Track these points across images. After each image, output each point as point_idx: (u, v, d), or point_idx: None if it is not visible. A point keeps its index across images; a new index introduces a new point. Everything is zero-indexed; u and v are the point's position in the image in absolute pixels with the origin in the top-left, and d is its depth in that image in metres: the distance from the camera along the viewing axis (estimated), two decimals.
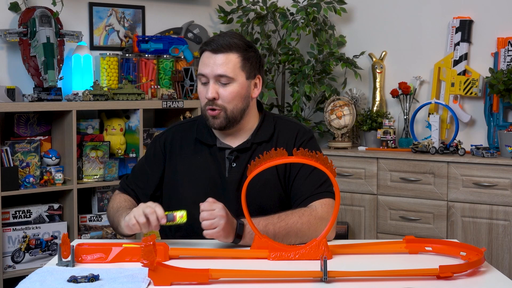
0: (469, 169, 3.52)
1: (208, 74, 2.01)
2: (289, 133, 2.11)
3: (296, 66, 4.06)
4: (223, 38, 2.03)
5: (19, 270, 3.23)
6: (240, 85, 2.03)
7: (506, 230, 3.44)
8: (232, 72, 2.01)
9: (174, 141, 2.15)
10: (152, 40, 3.80)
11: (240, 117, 2.06)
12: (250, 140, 2.09)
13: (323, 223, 1.94)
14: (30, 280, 1.60)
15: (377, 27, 4.23)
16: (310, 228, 1.93)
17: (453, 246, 1.82)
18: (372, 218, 3.81)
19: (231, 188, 2.04)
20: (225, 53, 2.01)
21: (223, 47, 2.01)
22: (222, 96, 2.02)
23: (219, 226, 1.81)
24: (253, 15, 4.19)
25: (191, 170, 2.09)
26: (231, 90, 2.01)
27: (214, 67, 2.00)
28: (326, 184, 2.04)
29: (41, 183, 3.32)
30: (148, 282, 1.58)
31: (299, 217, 1.93)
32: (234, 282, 1.60)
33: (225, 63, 2.00)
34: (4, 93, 3.26)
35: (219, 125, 2.04)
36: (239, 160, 2.07)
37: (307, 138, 2.11)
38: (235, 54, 2.02)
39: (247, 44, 2.06)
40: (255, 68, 2.07)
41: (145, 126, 3.69)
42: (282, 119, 2.17)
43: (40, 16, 3.31)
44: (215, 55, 2.01)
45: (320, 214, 1.97)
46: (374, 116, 4.04)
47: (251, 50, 2.06)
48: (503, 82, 3.54)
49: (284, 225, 1.89)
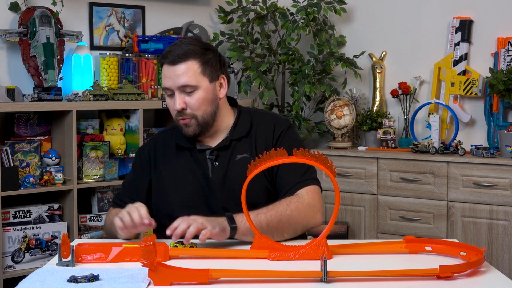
0: (469, 169, 3.52)
1: (171, 86, 2.03)
2: (267, 126, 2.13)
3: (296, 66, 4.06)
4: (178, 47, 2.04)
5: (19, 270, 3.23)
6: (205, 91, 2.05)
7: (506, 230, 3.44)
8: (194, 80, 2.02)
9: (157, 150, 2.19)
10: (152, 40, 3.81)
11: (212, 121, 2.09)
12: (228, 137, 2.11)
13: (311, 209, 1.99)
14: (30, 280, 1.60)
15: (377, 27, 4.23)
16: (299, 214, 1.96)
17: (453, 246, 1.82)
18: (372, 218, 3.81)
19: (216, 187, 2.07)
20: (183, 63, 2.02)
21: (180, 57, 2.02)
22: (189, 105, 2.04)
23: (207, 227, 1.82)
24: (253, 15, 4.19)
25: (175, 175, 2.12)
26: (197, 97, 2.04)
27: (175, 79, 2.02)
28: (310, 171, 2.07)
29: (41, 183, 3.33)
30: (148, 282, 1.58)
31: (287, 204, 1.96)
32: (234, 282, 1.60)
33: (185, 72, 2.01)
34: (4, 93, 3.27)
35: (193, 132, 2.07)
36: (220, 158, 2.09)
37: (285, 128, 2.13)
38: (193, 61, 2.03)
39: (204, 48, 2.07)
40: (216, 69, 2.09)
41: (145, 126, 3.69)
42: (258, 112, 2.20)
43: (40, 16, 3.31)
44: (173, 66, 2.02)
45: (307, 201, 2.00)
46: (374, 116, 4.04)
47: (208, 52, 2.07)
48: (503, 82, 3.54)
49: (274, 213, 1.92)
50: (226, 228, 1.86)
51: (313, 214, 2.00)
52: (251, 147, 2.11)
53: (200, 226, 1.81)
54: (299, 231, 2.01)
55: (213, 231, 1.82)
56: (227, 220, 1.88)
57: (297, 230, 1.99)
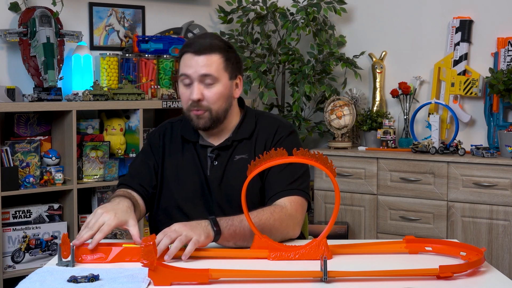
0: (469, 169, 3.52)
1: (192, 74, 2.01)
2: (269, 129, 2.12)
3: (296, 66, 4.06)
4: (204, 39, 2.04)
5: (19, 270, 3.22)
6: (224, 86, 2.04)
7: (506, 230, 3.44)
8: (216, 73, 2.01)
9: (165, 137, 2.18)
10: (152, 40, 3.80)
11: (223, 117, 2.08)
12: (231, 137, 2.11)
13: (292, 221, 1.96)
14: (30, 280, 1.60)
15: (377, 27, 4.23)
16: (281, 224, 1.93)
17: (453, 246, 1.82)
18: (372, 218, 3.81)
19: (213, 186, 2.07)
20: (208, 54, 2.01)
21: (206, 48, 2.01)
22: (207, 97, 2.02)
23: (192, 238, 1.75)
24: (253, 15, 4.19)
25: (177, 167, 2.12)
26: (215, 91, 2.02)
27: (197, 68, 2.00)
28: (299, 181, 2.04)
29: (41, 183, 3.32)
30: (148, 282, 1.58)
31: (270, 213, 1.93)
32: (234, 282, 1.60)
33: (208, 64, 2.00)
34: (4, 93, 3.27)
35: (203, 125, 2.05)
36: (220, 158, 2.09)
37: (285, 134, 2.12)
38: (217, 55, 2.02)
39: (227, 45, 2.08)
40: (236, 69, 2.09)
41: (145, 126, 3.69)
42: (264, 115, 2.19)
43: (40, 16, 3.31)
44: (197, 56, 2.01)
45: (290, 212, 1.97)
46: (374, 116, 4.04)
47: (231, 50, 2.08)
48: (503, 82, 3.54)
49: (257, 221, 1.88)
50: (210, 233, 1.81)
51: (293, 226, 1.98)
52: (250, 148, 2.10)
53: (184, 239, 1.74)
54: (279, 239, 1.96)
55: (200, 240, 1.76)
56: (210, 224, 1.82)
57: (277, 239, 1.94)
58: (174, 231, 1.76)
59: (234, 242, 1.86)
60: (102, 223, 1.79)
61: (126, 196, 1.99)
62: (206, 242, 1.80)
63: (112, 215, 1.81)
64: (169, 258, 1.73)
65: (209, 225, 1.82)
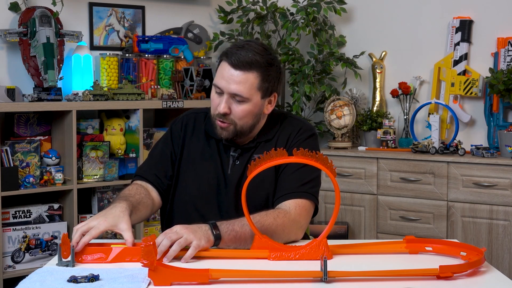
0: (469, 169, 3.52)
1: (223, 88, 1.97)
2: (291, 130, 2.10)
3: (296, 66, 4.06)
4: (246, 52, 1.95)
5: (19, 270, 3.23)
6: (253, 105, 1.99)
7: (506, 230, 3.44)
8: (248, 93, 1.96)
9: (188, 128, 2.15)
10: (152, 40, 3.80)
11: (249, 131, 2.04)
12: (255, 139, 2.09)
13: (295, 225, 1.95)
14: (30, 280, 1.60)
15: (377, 27, 4.23)
16: (284, 230, 1.91)
17: (453, 246, 1.82)
18: (372, 218, 3.81)
19: (231, 185, 2.05)
20: (244, 71, 1.94)
21: (244, 64, 1.94)
22: (234, 112, 1.98)
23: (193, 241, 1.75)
24: (253, 15, 4.19)
25: (195, 160, 2.10)
26: (243, 108, 1.98)
27: (230, 84, 1.95)
28: (310, 184, 2.02)
29: (41, 183, 3.32)
30: (148, 282, 1.58)
31: (274, 219, 1.91)
32: (234, 282, 1.60)
33: (242, 81, 1.94)
34: (4, 93, 3.26)
35: (226, 136, 2.03)
36: (243, 158, 2.07)
37: (305, 136, 2.09)
38: (254, 73, 1.96)
39: (269, 61, 1.99)
40: (272, 86, 2.02)
41: (145, 126, 3.69)
42: (288, 117, 2.15)
43: (40, 16, 3.31)
44: (234, 70, 1.95)
45: (293, 217, 1.95)
46: (374, 116, 4.04)
47: (272, 68, 2.00)
48: (503, 82, 3.54)
49: (260, 226, 1.86)
50: (210, 238, 1.79)
51: (296, 231, 1.96)
52: (270, 148, 2.08)
53: (184, 242, 1.74)
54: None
55: (200, 244, 1.76)
56: (210, 229, 1.81)
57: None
58: (175, 232, 1.76)
59: (235, 246, 1.85)
60: (92, 226, 1.78)
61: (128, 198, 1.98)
62: (206, 246, 1.79)
63: (102, 220, 1.80)
64: (167, 261, 1.72)
65: (209, 229, 1.81)
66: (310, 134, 2.11)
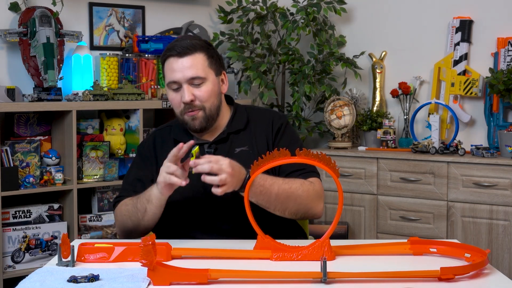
0: (469, 169, 3.52)
1: (180, 79, 2.03)
2: (265, 120, 2.16)
3: (296, 66, 4.06)
4: (184, 41, 2.05)
5: (19, 270, 3.23)
6: (212, 83, 2.07)
7: (506, 230, 3.44)
8: (203, 72, 2.04)
9: (156, 146, 2.19)
10: (152, 40, 3.80)
11: (216, 115, 2.10)
12: (225, 131, 2.13)
13: (318, 197, 2.04)
14: (30, 280, 1.60)
15: (377, 27, 4.23)
16: (308, 197, 2.00)
17: (457, 248, 1.80)
18: (372, 218, 3.81)
19: None
20: (191, 55, 2.04)
21: (188, 49, 2.03)
22: (198, 97, 2.05)
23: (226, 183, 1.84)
24: (253, 15, 4.19)
25: None
26: (205, 89, 2.05)
27: (184, 71, 2.02)
28: (311, 166, 2.08)
29: (41, 183, 3.32)
30: (148, 282, 1.58)
31: (300, 184, 1.99)
32: (233, 282, 1.59)
33: (193, 64, 2.03)
34: (4, 93, 3.27)
35: (199, 125, 2.07)
36: (219, 151, 2.09)
37: (283, 122, 2.17)
38: (200, 53, 2.05)
39: (207, 43, 2.11)
40: (219, 65, 2.12)
41: (145, 126, 3.69)
42: (254, 108, 2.24)
43: (40, 16, 3.31)
44: (181, 58, 2.03)
45: (317, 188, 2.04)
46: (374, 116, 4.04)
47: (211, 48, 2.11)
48: (503, 82, 3.54)
49: (287, 188, 1.94)
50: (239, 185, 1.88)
51: (318, 202, 2.03)
52: (250, 140, 2.12)
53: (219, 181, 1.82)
54: (300, 215, 2.03)
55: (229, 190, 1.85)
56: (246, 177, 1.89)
57: (298, 212, 2.01)
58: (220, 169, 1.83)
59: (256, 200, 1.92)
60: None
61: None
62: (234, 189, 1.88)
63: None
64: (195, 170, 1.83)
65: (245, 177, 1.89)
66: (286, 121, 2.19)
